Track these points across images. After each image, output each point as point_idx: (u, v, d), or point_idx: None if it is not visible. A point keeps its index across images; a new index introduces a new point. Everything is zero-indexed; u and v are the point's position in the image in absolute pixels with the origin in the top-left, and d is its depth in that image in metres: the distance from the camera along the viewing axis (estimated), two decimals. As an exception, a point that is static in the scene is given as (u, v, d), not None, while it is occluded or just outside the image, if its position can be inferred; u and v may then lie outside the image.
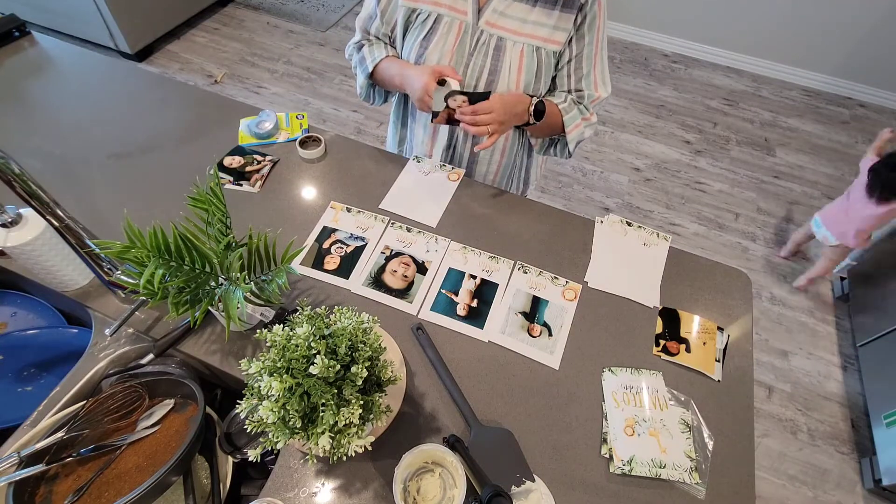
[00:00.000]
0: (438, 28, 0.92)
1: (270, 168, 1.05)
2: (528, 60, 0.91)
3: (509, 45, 0.90)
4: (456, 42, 0.92)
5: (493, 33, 0.90)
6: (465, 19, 0.90)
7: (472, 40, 0.91)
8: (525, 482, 0.66)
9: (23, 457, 0.62)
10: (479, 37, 0.91)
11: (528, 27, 0.89)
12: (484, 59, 0.92)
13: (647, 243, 0.98)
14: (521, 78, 0.93)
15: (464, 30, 0.91)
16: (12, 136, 1.08)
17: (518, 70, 0.92)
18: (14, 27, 1.31)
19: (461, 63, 0.93)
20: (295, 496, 0.66)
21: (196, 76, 2.76)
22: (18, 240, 0.74)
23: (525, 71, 0.92)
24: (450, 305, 0.86)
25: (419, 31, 0.93)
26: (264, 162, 1.06)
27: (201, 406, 0.67)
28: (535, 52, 0.91)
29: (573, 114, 0.98)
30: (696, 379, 0.80)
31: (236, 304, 0.63)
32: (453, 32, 0.91)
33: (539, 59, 0.92)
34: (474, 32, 0.91)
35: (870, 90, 2.92)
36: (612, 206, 2.31)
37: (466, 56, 0.93)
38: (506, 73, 0.92)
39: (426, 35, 0.93)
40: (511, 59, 0.91)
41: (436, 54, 0.93)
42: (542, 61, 0.92)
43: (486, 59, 0.92)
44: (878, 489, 1.53)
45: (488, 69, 0.92)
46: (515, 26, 0.89)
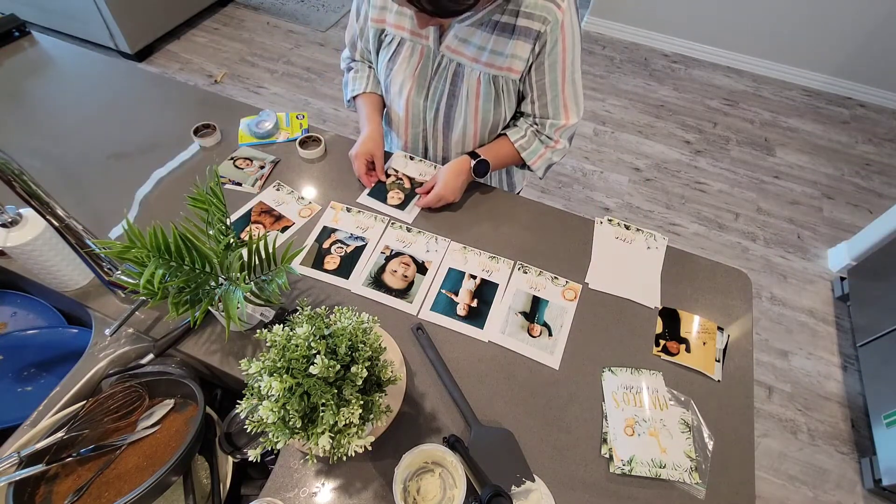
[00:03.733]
0: (402, 51, 0.94)
1: (271, 168, 1.05)
2: (484, 88, 0.91)
3: (467, 72, 0.91)
4: (418, 66, 0.94)
5: (452, 59, 0.91)
6: (426, 44, 0.91)
7: (433, 65, 0.93)
8: (525, 482, 0.66)
9: (23, 457, 0.62)
10: (439, 61, 0.92)
11: (486, 55, 0.88)
12: (444, 85, 0.94)
13: (646, 244, 0.98)
14: (478, 105, 0.93)
15: (426, 54, 0.92)
16: (12, 136, 1.08)
17: (475, 96, 0.92)
18: (14, 27, 1.31)
19: (423, 86, 0.95)
20: (295, 496, 0.66)
21: (196, 76, 2.76)
22: (18, 240, 0.74)
23: (482, 98, 0.92)
24: (450, 305, 0.86)
25: (386, 52, 0.96)
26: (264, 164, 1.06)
27: (201, 406, 0.67)
28: (493, 81, 0.91)
29: (533, 147, 1.00)
30: (696, 379, 0.80)
31: (236, 304, 0.63)
32: (416, 56, 0.93)
33: (497, 87, 0.91)
34: (435, 57, 0.92)
35: (870, 90, 2.92)
36: (612, 206, 2.31)
37: (428, 80, 0.94)
38: (463, 99, 0.94)
39: (391, 57, 0.95)
40: (469, 86, 0.92)
41: (399, 76, 0.96)
42: (500, 89, 0.92)
43: (446, 84, 0.93)
44: (878, 489, 1.53)
45: (447, 94, 0.94)
46: (474, 53, 0.89)
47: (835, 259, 2.14)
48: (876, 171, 2.57)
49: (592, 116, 2.74)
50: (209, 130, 1.09)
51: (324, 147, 1.08)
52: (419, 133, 1.05)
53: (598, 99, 2.84)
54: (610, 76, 2.99)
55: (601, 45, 3.22)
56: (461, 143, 1.02)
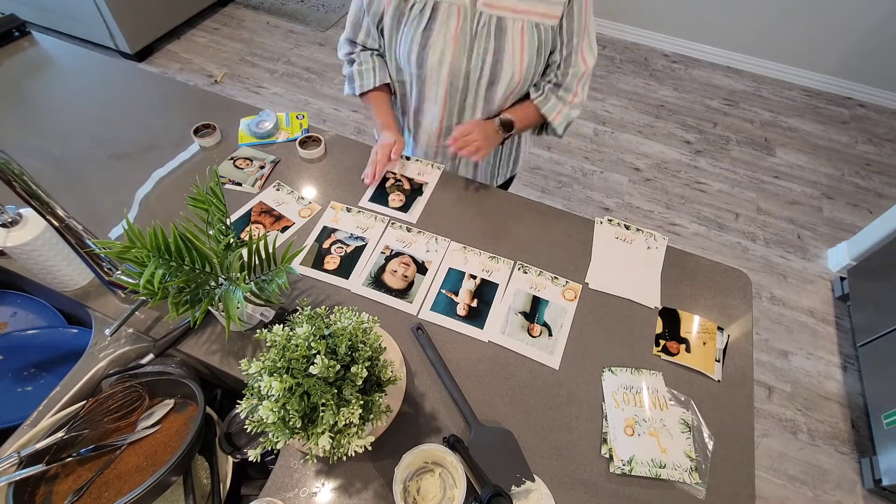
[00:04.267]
0: (438, 16, 0.91)
1: (271, 168, 1.05)
2: (529, 38, 0.91)
3: (510, 24, 0.90)
4: (457, 28, 0.91)
5: (492, 14, 0.89)
6: (462, 3, 0.89)
7: (472, 24, 0.90)
8: (525, 482, 0.66)
9: (23, 457, 0.62)
10: (478, 19, 0.90)
11: (526, 3, 0.88)
12: (487, 42, 0.91)
13: (646, 244, 0.98)
14: (524, 55, 0.92)
15: (463, 15, 0.90)
16: (12, 135, 1.08)
17: (521, 48, 0.91)
18: (14, 27, 1.31)
19: (465, 49, 0.92)
20: (295, 496, 0.66)
21: (196, 76, 2.76)
22: (18, 240, 0.74)
23: (528, 48, 0.92)
24: (450, 305, 0.86)
25: (417, 23, 0.92)
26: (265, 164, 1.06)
27: (201, 406, 0.67)
28: (535, 29, 0.91)
29: (552, 104, 1.01)
30: (696, 379, 0.80)
31: (236, 304, 0.63)
32: (453, 18, 0.90)
33: (539, 35, 0.92)
34: (474, 16, 0.90)
35: (870, 90, 2.92)
36: (612, 206, 2.31)
37: (469, 41, 0.92)
38: (510, 52, 0.92)
39: (427, 25, 0.91)
40: (514, 38, 0.91)
41: (440, 43, 0.92)
42: (542, 37, 0.92)
43: (490, 41, 0.91)
44: (878, 489, 1.53)
45: (493, 51, 0.92)
46: (513, 4, 0.88)
47: (835, 259, 2.14)
48: (876, 171, 2.57)
49: (592, 116, 2.74)
50: (209, 130, 1.09)
51: (324, 147, 1.08)
52: (456, 103, 1.01)
53: (598, 99, 2.84)
54: (610, 76, 2.99)
55: (601, 45, 3.22)
56: (504, 99, 1.00)
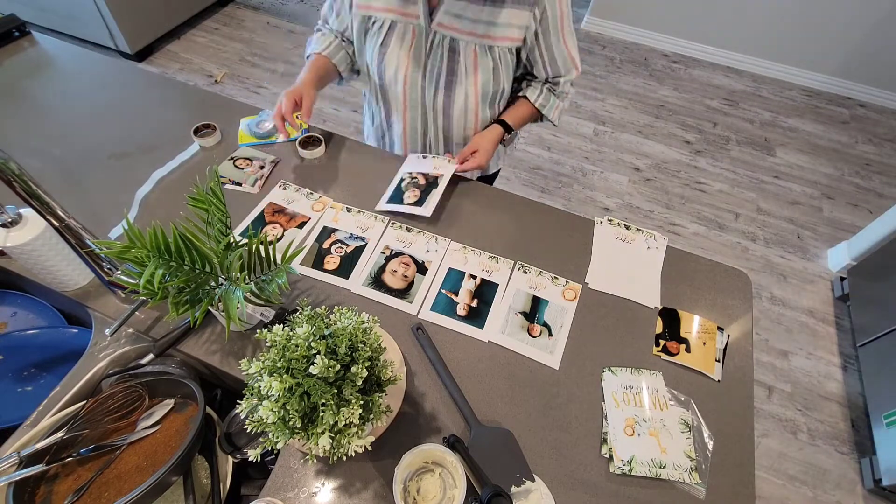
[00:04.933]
0: (393, 34, 0.94)
1: (271, 168, 1.05)
2: (482, 59, 0.92)
3: (462, 46, 0.91)
4: (412, 46, 0.94)
5: (445, 34, 0.91)
6: (417, 23, 0.91)
7: (426, 43, 0.93)
8: (525, 482, 0.66)
9: (23, 457, 0.62)
10: (432, 39, 0.92)
11: (480, 27, 0.89)
12: (440, 62, 0.94)
13: (646, 244, 0.98)
14: (478, 78, 0.95)
15: (418, 33, 0.92)
16: (12, 136, 1.08)
17: (474, 70, 0.93)
18: (14, 27, 1.31)
19: (419, 66, 0.95)
20: (295, 496, 0.66)
21: (196, 76, 2.76)
22: (18, 240, 0.74)
23: (481, 70, 0.94)
24: (450, 305, 0.86)
25: (376, 38, 0.96)
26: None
27: (201, 406, 0.67)
28: (489, 51, 0.92)
29: (551, 103, 1.07)
30: (696, 379, 0.80)
31: (236, 304, 0.63)
32: (408, 36, 0.93)
33: (494, 57, 0.93)
34: (428, 35, 0.92)
35: (870, 90, 2.92)
36: (612, 206, 2.31)
37: (423, 58, 0.94)
38: (462, 74, 0.94)
39: (383, 41, 0.95)
40: (466, 60, 0.92)
41: (394, 59, 0.96)
42: (497, 59, 0.93)
43: (443, 61, 0.94)
44: (878, 489, 1.53)
45: (445, 71, 0.94)
46: (467, 27, 0.89)
47: (835, 259, 2.14)
48: (876, 171, 2.57)
49: (592, 116, 2.74)
50: (209, 130, 1.09)
51: (324, 147, 1.08)
52: (418, 115, 1.04)
53: (598, 99, 2.84)
54: (610, 76, 2.99)
55: (601, 45, 3.22)
56: (463, 117, 1.03)
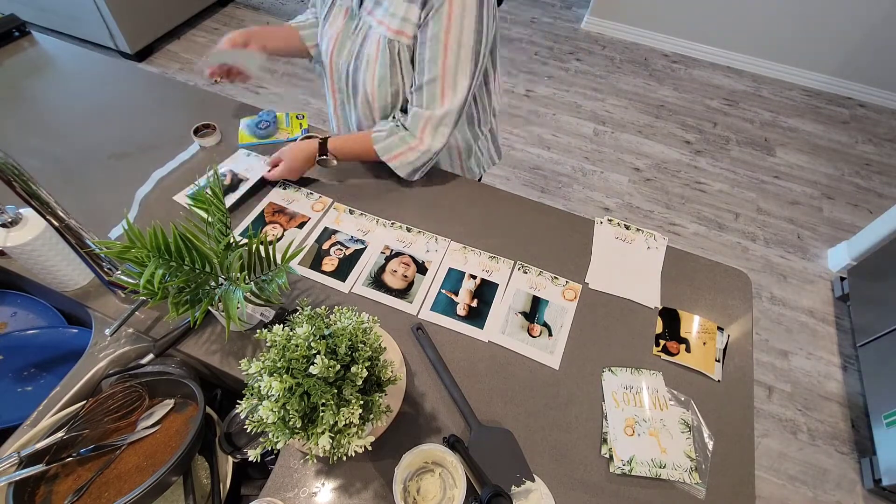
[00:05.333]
0: (332, 10, 0.95)
1: None
2: (381, 51, 0.88)
3: (372, 35, 0.89)
4: (341, 27, 0.94)
5: (366, 21, 0.90)
6: (350, 5, 0.92)
7: (353, 25, 0.93)
8: (525, 482, 0.66)
9: (23, 457, 0.62)
10: (357, 23, 0.92)
11: (387, 18, 0.86)
12: (353, 45, 0.93)
13: (646, 244, 0.98)
14: (375, 69, 0.90)
15: (349, 15, 0.93)
16: (12, 135, 1.08)
17: (374, 60, 0.90)
18: (14, 27, 1.31)
19: (343, 47, 0.95)
20: (295, 496, 0.66)
21: (196, 76, 2.76)
22: (18, 240, 0.74)
23: (380, 63, 0.89)
24: (450, 305, 0.86)
25: (322, 11, 0.98)
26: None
27: (201, 406, 0.67)
28: (389, 45, 0.87)
29: (388, 143, 0.93)
30: (696, 379, 0.80)
31: (236, 304, 0.63)
32: (340, 17, 0.94)
33: (392, 51, 0.87)
34: (354, 17, 0.92)
35: (870, 90, 2.92)
36: (612, 206, 2.31)
37: (346, 40, 0.94)
38: (364, 61, 0.92)
39: (325, 15, 0.97)
40: (369, 49, 0.90)
41: (327, 35, 0.97)
42: (395, 54, 0.87)
43: (356, 45, 0.92)
44: (878, 489, 1.53)
45: (354, 55, 0.93)
46: (381, 16, 0.87)
47: (835, 259, 2.14)
48: (876, 171, 2.57)
49: (592, 116, 2.74)
50: (209, 130, 1.09)
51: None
52: (340, 96, 1.03)
53: (598, 99, 2.84)
54: (610, 76, 2.99)
55: (601, 45, 3.22)
56: (366, 107, 0.98)
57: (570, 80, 2.95)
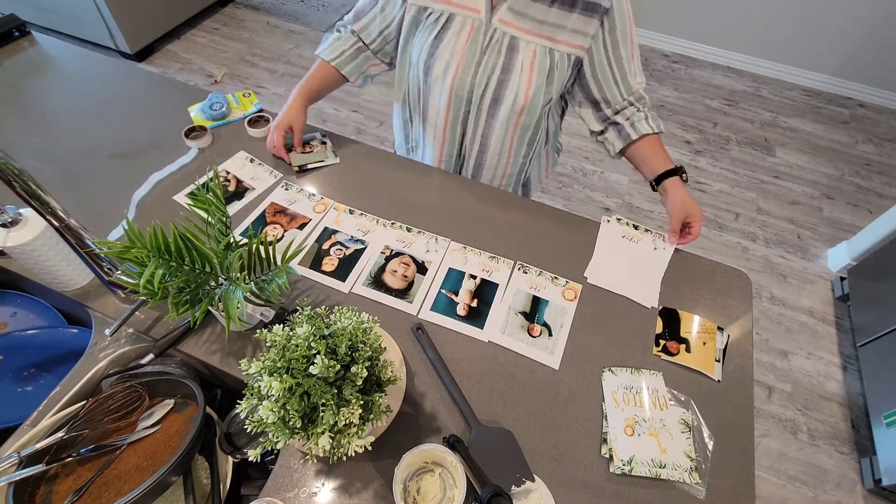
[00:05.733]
0: (450, 27, 0.91)
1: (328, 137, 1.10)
2: (540, 60, 0.90)
3: (522, 45, 0.89)
4: (468, 40, 0.91)
5: (506, 31, 0.89)
6: (477, 17, 0.90)
7: (484, 38, 0.91)
8: (525, 482, 0.66)
9: (23, 457, 0.62)
10: (492, 35, 0.90)
11: (545, 28, 0.88)
12: (497, 58, 0.91)
13: (653, 245, 0.98)
14: (532, 78, 0.91)
15: (476, 28, 0.90)
16: (12, 135, 1.08)
17: (530, 69, 0.91)
18: (14, 27, 1.31)
19: (472, 61, 0.92)
20: (295, 496, 0.66)
21: (196, 76, 2.76)
22: (18, 240, 0.74)
23: (537, 71, 0.91)
24: (450, 305, 0.86)
25: (430, 31, 0.93)
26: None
27: (201, 406, 0.67)
28: (549, 53, 0.90)
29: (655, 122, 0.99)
30: (696, 379, 0.80)
31: (236, 304, 0.63)
32: (465, 31, 0.91)
33: (552, 60, 0.91)
34: (487, 30, 0.90)
35: (870, 90, 2.92)
36: (612, 206, 2.31)
37: (479, 54, 0.92)
38: (517, 71, 0.91)
39: (437, 34, 0.92)
40: (524, 59, 0.90)
41: (447, 53, 0.93)
42: (554, 63, 0.91)
43: (499, 57, 0.91)
44: (878, 489, 1.53)
45: (500, 67, 0.92)
46: (530, 26, 0.88)
47: (835, 259, 2.14)
48: (876, 171, 2.57)
49: (592, 116, 2.73)
50: (200, 132, 1.08)
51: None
52: (459, 117, 1.01)
53: (598, 99, 2.83)
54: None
55: (601, 45, 3.22)
56: (506, 120, 0.98)
57: (570, 80, 2.95)
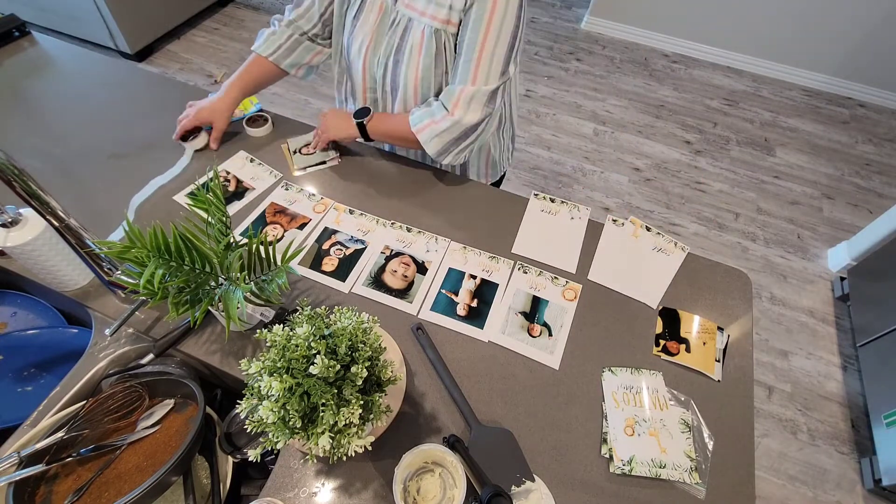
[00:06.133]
0: (364, 7, 0.94)
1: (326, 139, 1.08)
2: (427, 42, 0.88)
3: (414, 26, 0.89)
4: (376, 21, 0.93)
5: (405, 14, 0.90)
6: (383, 1, 0.91)
7: (388, 20, 0.92)
8: (525, 482, 0.66)
9: (23, 457, 0.62)
10: (394, 17, 0.91)
11: (431, 8, 0.86)
12: (392, 39, 0.92)
13: (661, 249, 0.97)
14: (420, 60, 0.90)
15: (384, 10, 0.92)
16: (12, 135, 1.08)
17: (418, 52, 0.90)
18: (14, 27, 1.31)
19: (379, 43, 0.94)
20: (295, 496, 0.66)
21: (196, 76, 2.76)
22: (18, 240, 0.74)
23: (424, 53, 0.89)
24: (450, 305, 0.86)
25: (352, 11, 0.96)
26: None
27: (201, 406, 0.67)
28: (435, 34, 0.87)
29: (420, 114, 0.93)
30: (696, 379, 0.80)
31: (236, 304, 0.63)
32: (374, 12, 0.93)
33: (438, 41, 0.88)
34: (390, 12, 0.91)
35: (870, 90, 2.92)
36: (612, 206, 2.31)
37: (383, 36, 0.93)
38: (407, 54, 0.91)
39: (355, 14, 0.95)
40: (413, 41, 0.90)
41: (360, 34, 0.95)
42: (441, 44, 0.88)
43: (395, 39, 0.92)
44: (878, 489, 1.53)
45: (394, 49, 0.92)
46: (422, 7, 0.87)
47: (835, 259, 2.14)
48: (876, 171, 2.57)
49: (592, 116, 2.74)
50: (196, 133, 1.08)
51: (271, 125, 1.13)
52: (376, 97, 1.02)
53: (598, 99, 2.84)
54: (610, 76, 2.99)
55: (601, 45, 3.22)
56: (403, 104, 0.97)
57: (570, 80, 2.95)
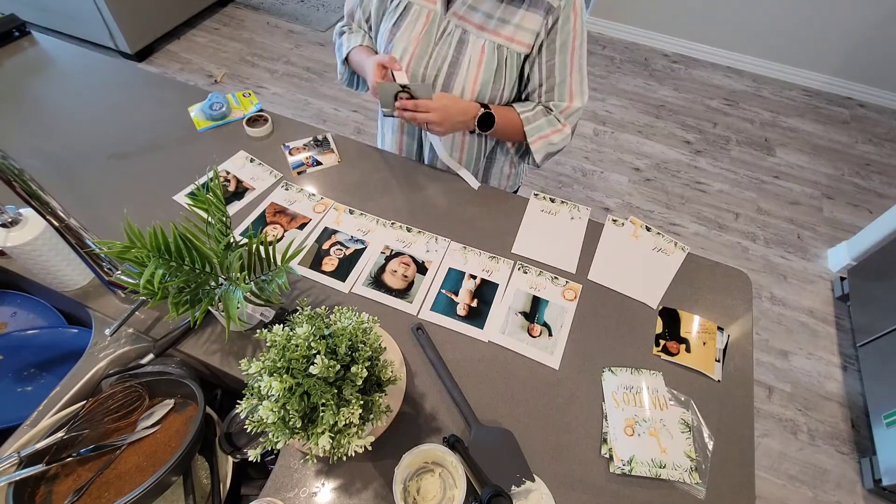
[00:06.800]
0: (407, 15, 0.93)
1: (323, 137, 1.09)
2: (488, 57, 0.90)
3: (472, 39, 0.90)
4: (423, 31, 0.92)
5: (458, 25, 0.90)
6: (433, 9, 0.91)
7: (437, 30, 0.92)
8: (525, 482, 0.66)
9: (23, 457, 0.62)
10: (445, 27, 0.91)
11: (493, 23, 0.88)
12: (447, 51, 0.92)
13: (662, 249, 0.97)
14: (479, 74, 0.91)
15: (431, 19, 0.92)
16: (12, 135, 1.08)
17: (477, 65, 0.91)
18: (14, 27, 1.31)
19: (426, 53, 0.93)
20: (295, 496, 0.66)
21: (196, 76, 2.76)
22: (18, 240, 0.74)
23: (484, 68, 0.91)
24: (450, 305, 0.86)
25: (391, 18, 0.95)
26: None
27: (201, 406, 0.67)
28: (497, 50, 0.90)
29: (538, 123, 0.96)
30: (696, 379, 0.80)
31: (236, 304, 0.63)
32: (421, 21, 0.92)
33: (500, 57, 0.90)
34: (441, 22, 0.91)
35: (870, 90, 2.92)
36: (612, 206, 2.31)
37: (431, 45, 0.93)
38: (465, 67, 0.92)
39: (395, 22, 0.94)
40: (472, 54, 0.91)
41: (403, 41, 0.94)
42: (503, 60, 0.91)
43: (449, 50, 0.92)
44: (878, 489, 1.53)
45: (449, 61, 0.92)
46: (481, 21, 0.89)
47: (835, 259, 2.14)
48: (876, 171, 2.57)
49: (592, 116, 2.74)
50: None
51: (270, 125, 1.12)
52: None
53: (598, 99, 2.84)
54: (610, 76, 2.99)
55: (601, 45, 3.22)
56: None
57: (570, 80, 2.95)
